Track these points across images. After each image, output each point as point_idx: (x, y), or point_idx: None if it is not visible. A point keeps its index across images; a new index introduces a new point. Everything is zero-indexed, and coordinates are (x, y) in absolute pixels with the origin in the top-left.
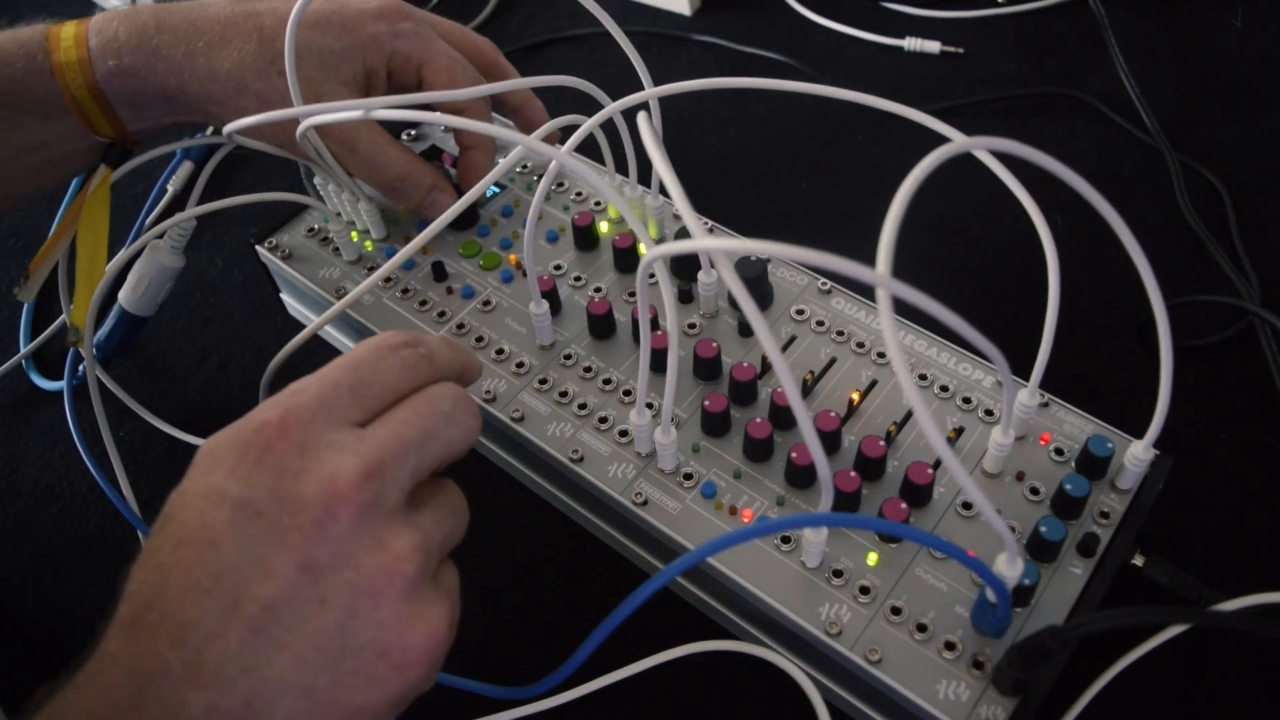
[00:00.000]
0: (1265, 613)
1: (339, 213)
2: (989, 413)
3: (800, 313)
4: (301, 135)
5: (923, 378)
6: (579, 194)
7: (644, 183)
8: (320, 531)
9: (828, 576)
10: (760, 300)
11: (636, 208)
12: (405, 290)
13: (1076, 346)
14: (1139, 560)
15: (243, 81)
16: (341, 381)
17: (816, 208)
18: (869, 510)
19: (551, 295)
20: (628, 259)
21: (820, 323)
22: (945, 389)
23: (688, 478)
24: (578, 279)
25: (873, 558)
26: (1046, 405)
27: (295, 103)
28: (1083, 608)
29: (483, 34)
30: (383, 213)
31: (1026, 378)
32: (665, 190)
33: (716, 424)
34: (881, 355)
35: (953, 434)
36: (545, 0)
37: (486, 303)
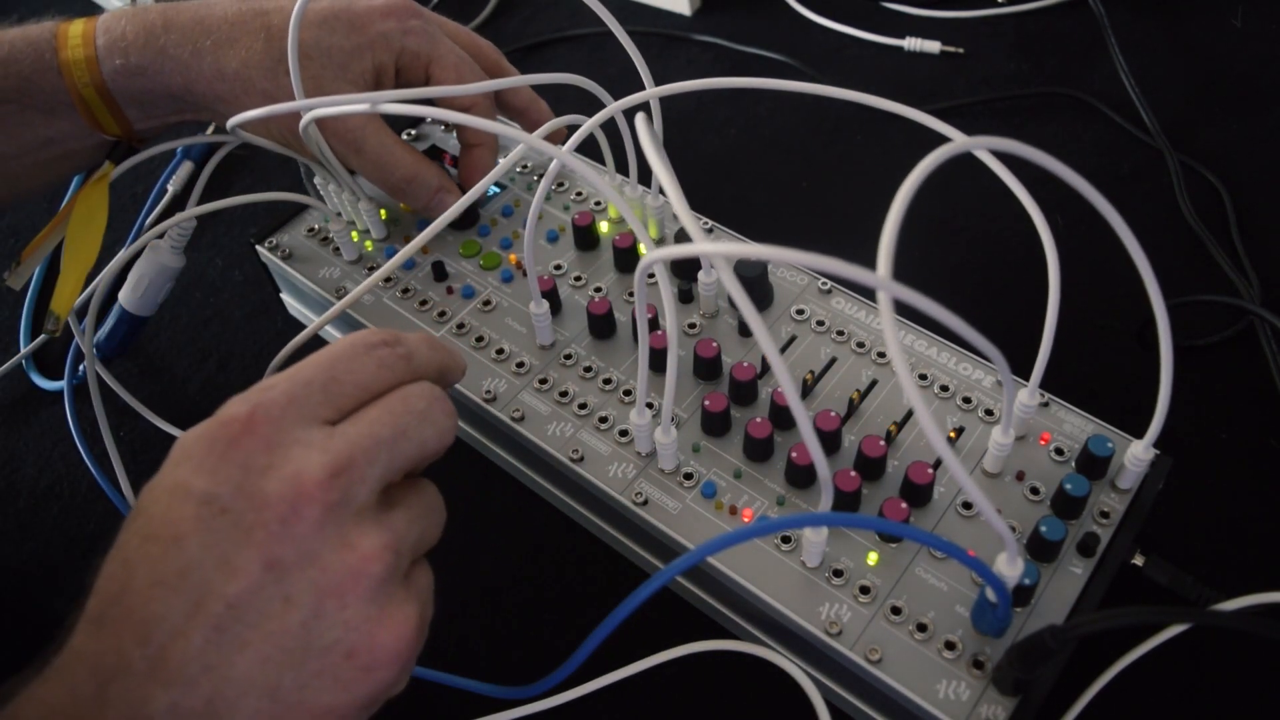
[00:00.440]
0: (1265, 613)
1: (339, 213)
2: (989, 412)
3: (800, 312)
4: (304, 129)
5: (923, 377)
6: (579, 194)
7: (644, 183)
8: (285, 529)
9: (828, 576)
10: (760, 300)
11: (637, 208)
12: (405, 290)
13: (1076, 346)
14: (1139, 560)
15: (249, 81)
16: (314, 379)
17: (816, 208)
18: (869, 510)
19: (551, 295)
20: (628, 259)
21: (820, 322)
22: (945, 389)
23: (688, 477)
24: (578, 279)
25: (873, 557)
26: (1046, 405)
27: (298, 97)
28: (1083, 608)
29: (483, 34)
30: (387, 211)
31: (1026, 378)
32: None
33: (717, 424)
34: (881, 355)
35: (953, 434)
36: (545, 0)
37: (486, 303)
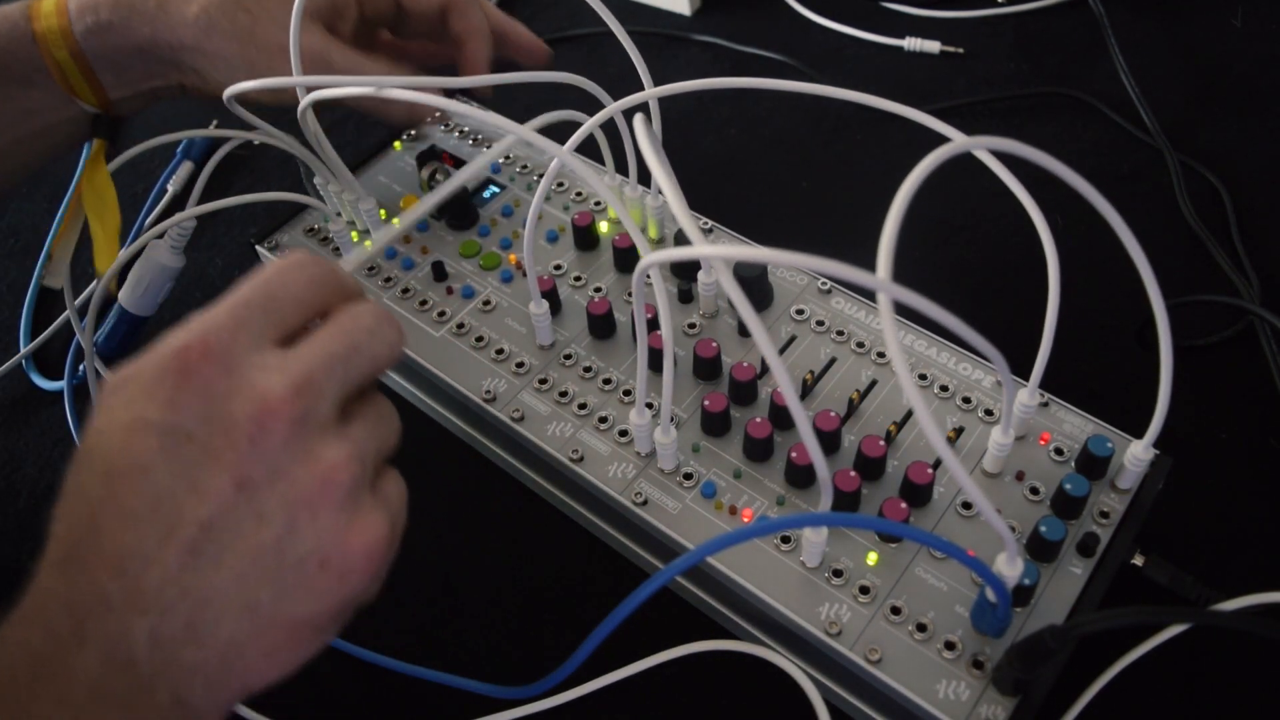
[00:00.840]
0: (1265, 613)
1: (339, 213)
2: (989, 412)
3: (800, 312)
4: (302, 115)
5: (923, 377)
6: (579, 194)
7: (644, 183)
8: (254, 448)
9: (828, 576)
10: (760, 300)
11: (636, 209)
12: (405, 290)
13: (1076, 346)
14: (1139, 560)
15: (211, 22)
16: (251, 300)
17: (816, 208)
18: (869, 510)
19: (551, 295)
20: (628, 259)
21: (820, 322)
22: (945, 389)
23: (688, 477)
24: (578, 279)
25: (873, 557)
26: (1046, 405)
27: (295, 72)
28: (1083, 607)
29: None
30: (386, 212)
31: (1026, 378)
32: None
33: (716, 424)
34: (881, 355)
35: (952, 434)
36: (545, 0)
37: (486, 303)
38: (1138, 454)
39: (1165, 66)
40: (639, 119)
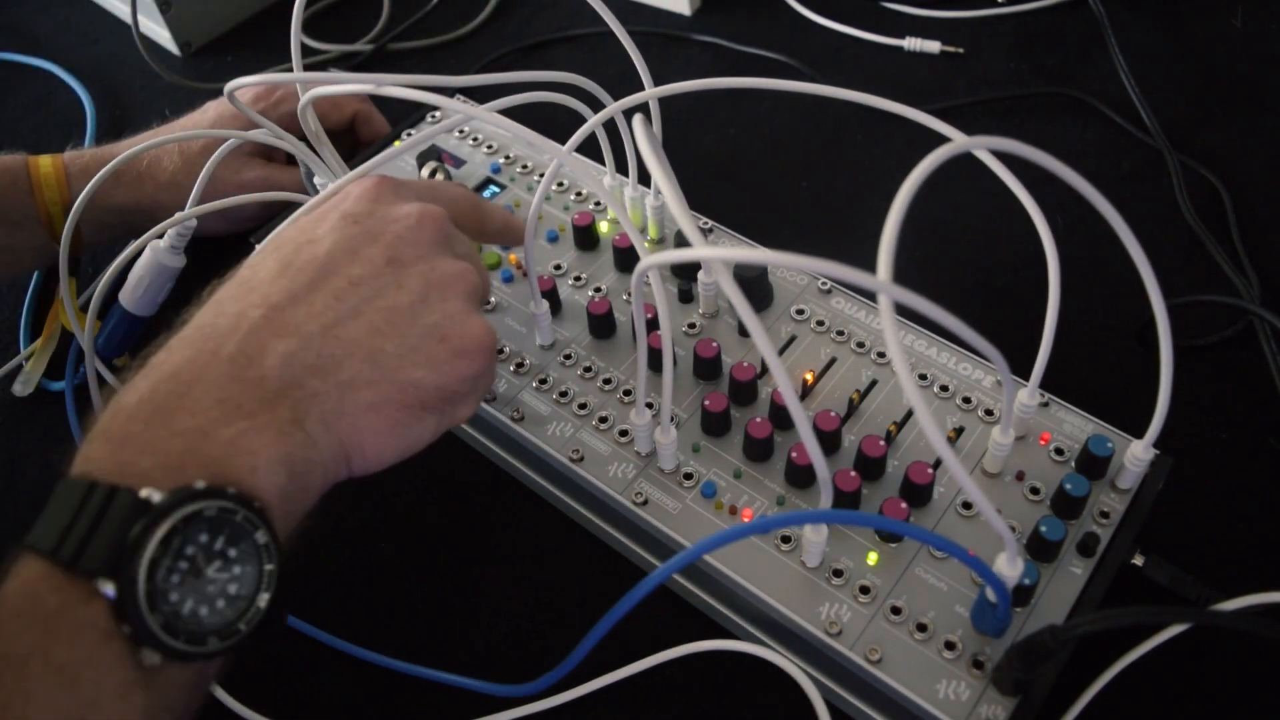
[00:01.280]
0: (1265, 613)
1: None
2: (989, 412)
3: (800, 312)
4: (302, 111)
5: (923, 377)
6: (579, 194)
7: (644, 183)
8: (408, 235)
9: (828, 576)
10: (760, 300)
11: (636, 209)
12: None
13: (1076, 346)
14: (1139, 560)
15: (178, 184)
16: (382, 178)
17: (816, 208)
18: (869, 510)
19: (551, 295)
20: (628, 259)
21: (820, 322)
22: (945, 389)
23: (688, 477)
24: (578, 279)
25: (873, 557)
26: (1046, 405)
27: (296, 69)
28: (1083, 607)
29: (483, 34)
30: None
31: (1026, 378)
32: None
33: (716, 424)
34: (881, 355)
35: (953, 434)
36: (545, 0)
37: (486, 303)
38: (1138, 454)
39: (1165, 66)
40: (638, 119)
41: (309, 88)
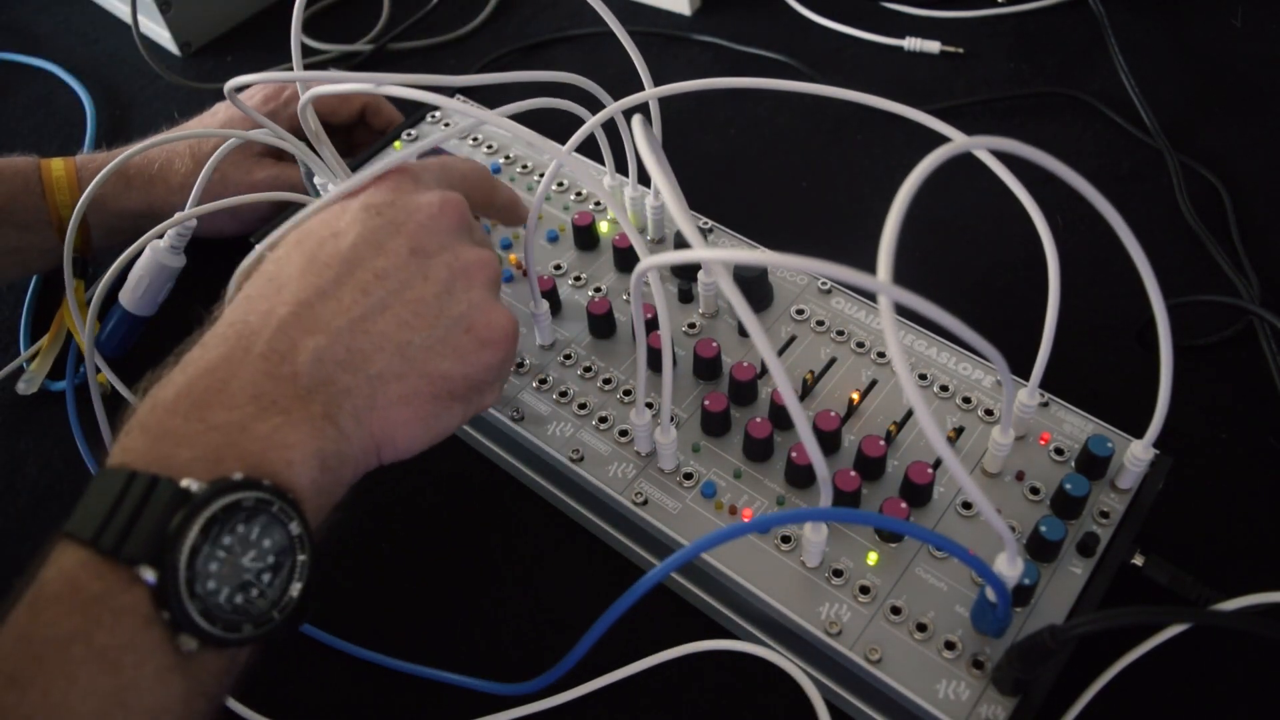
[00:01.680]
0: (1265, 613)
1: None
2: (989, 412)
3: (800, 312)
4: (303, 110)
5: (923, 377)
6: (579, 194)
7: (645, 183)
8: (431, 224)
9: (828, 576)
10: (760, 300)
11: (635, 210)
12: None
13: (1076, 346)
14: (1139, 560)
15: (189, 186)
16: (403, 167)
17: (816, 208)
18: (869, 510)
19: (551, 295)
20: (628, 259)
21: (820, 322)
22: (945, 389)
23: (688, 477)
24: (578, 279)
25: (873, 557)
26: (1046, 405)
27: (296, 68)
28: (1082, 607)
29: (483, 34)
30: None
31: (1026, 377)
32: None
33: (716, 424)
34: (881, 355)
35: (953, 434)
36: (545, 0)
37: None
38: (1138, 454)
39: (1165, 66)
40: (637, 120)
41: (309, 87)
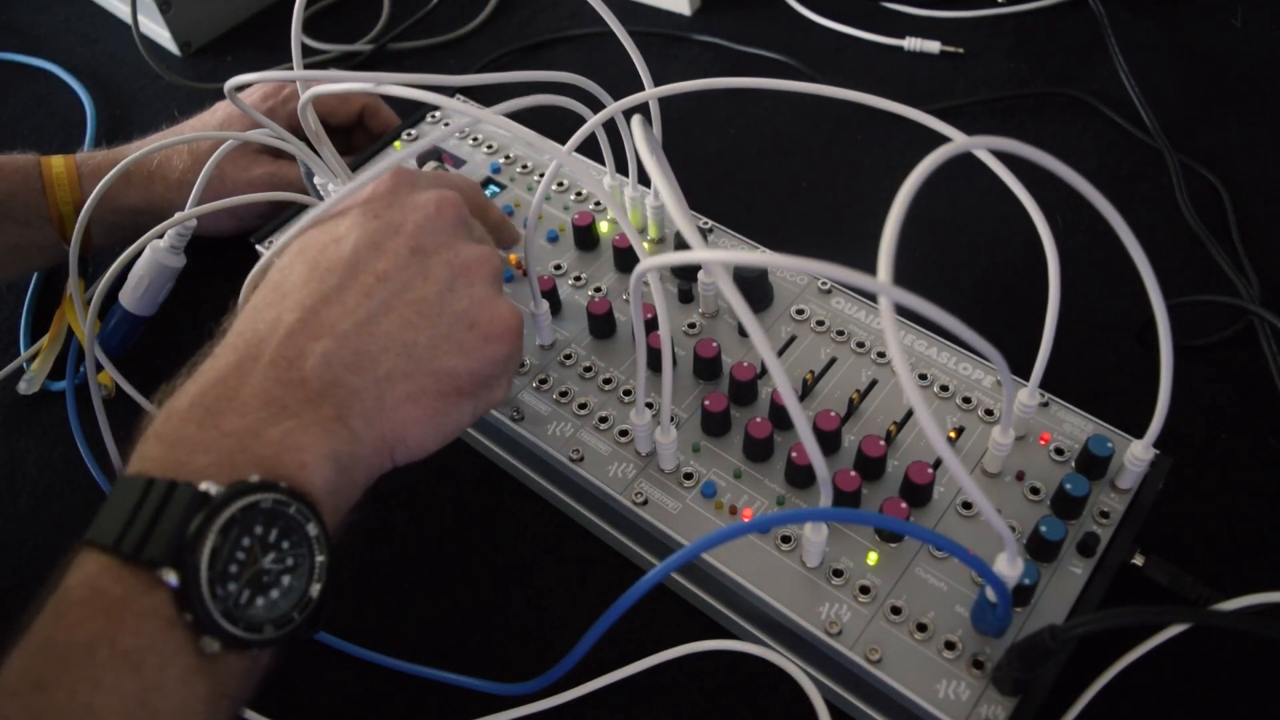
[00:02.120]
0: (1265, 613)
1: None
2: (989, 412)
3: (800, 312)
4: (303, 110)
5: (923, 377)
6: (579, 194)
7: (645, 183)
8: (429, 224)
9: (828, 576)
10: (760, 300)
11: (635, 210)
12: None
13: (1076, 346)
14: (1139, 560)
15: (187, 182)
16: (399, 172)
17: (816, 208)
18: (869, 510)
19: (551, 295)
20: (628, 259)
21: (820, 322)
22: (945, 389)
23: (688, 477)
24: (578, 279)
25: (873, 557)
26: (1046, 405)
27: (296, 67)
28: (1083, 607)
29: (483, 34)
30: None
31: (1026, 378)
32: None
33: (716, 424)
34: (881, 355)
35: (953, 434)
36: (545, 0)
37: None
38: (1138, 454)
39: (1165, 66)
40: (637, 121)
41: (309, 86)
